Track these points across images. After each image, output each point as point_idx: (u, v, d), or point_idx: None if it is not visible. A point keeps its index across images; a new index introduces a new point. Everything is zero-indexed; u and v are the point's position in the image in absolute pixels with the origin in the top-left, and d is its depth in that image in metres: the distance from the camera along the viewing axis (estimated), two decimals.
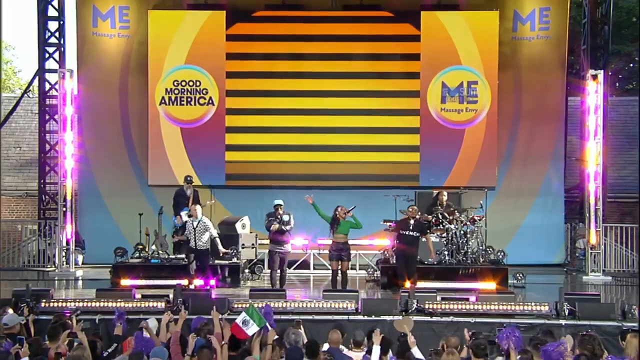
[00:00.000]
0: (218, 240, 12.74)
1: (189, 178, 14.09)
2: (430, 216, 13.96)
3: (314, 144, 16.68)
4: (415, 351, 7.29)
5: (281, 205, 12.51)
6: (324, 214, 12.40)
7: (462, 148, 16.59)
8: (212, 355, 6.91)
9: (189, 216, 12.88)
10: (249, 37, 16.66)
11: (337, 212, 12.38)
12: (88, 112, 16.75)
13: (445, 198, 14.22)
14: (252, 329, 7.37)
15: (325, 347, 8.09)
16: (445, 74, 16.56)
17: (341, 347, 8.08)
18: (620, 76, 25.84)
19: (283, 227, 12.31)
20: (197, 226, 12.45)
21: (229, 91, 16.65)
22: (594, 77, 15.20)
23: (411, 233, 12.41)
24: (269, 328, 7.35)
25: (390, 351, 7.62)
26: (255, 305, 9.74)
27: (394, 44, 16.60)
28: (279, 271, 12.53)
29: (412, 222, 12.42)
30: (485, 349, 7.25)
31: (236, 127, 16.71)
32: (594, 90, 15.16)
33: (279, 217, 12.34)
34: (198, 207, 12.72)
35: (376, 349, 7.21)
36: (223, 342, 7.26)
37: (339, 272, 12.42)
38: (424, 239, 12.75)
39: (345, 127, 16.71)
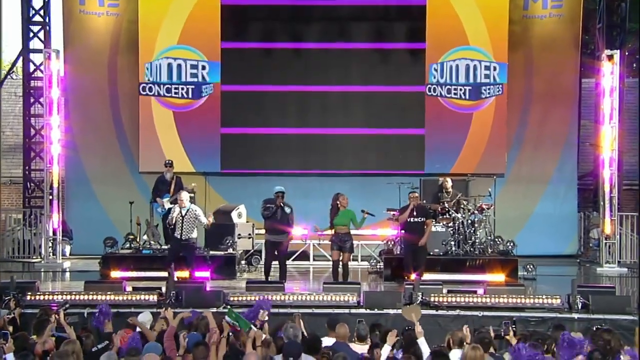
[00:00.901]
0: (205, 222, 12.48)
1: (168, 161, 14.04)
2: (438, 205, 13.96)
3: (314, 128, 16.64)
4: (422, 342, 7.31)
5: (283, 192, 12.23)
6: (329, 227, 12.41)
7: (470, 133, 16.56)
8: (208, 351, 6.92)
9: (172, 203, 12.82)
10: (245, 14, 16.58)
11: (338, 201, 12.29)
12: (75, 94, 16.71)
13: (449, 185, 14.21)
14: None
15: (326, 341, 8.12)
16: (452, 54, 16.50)
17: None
18: (637, 56, 25.74)
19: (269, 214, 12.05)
20: (186, 215, 12.27)
21: (224, 72, 16.59)
22: (610, 57, 15.14)
23: (415, 219, 12.39)
24: (255, 329, 7.34)
25: (393, 347, 7.62)
26: (252, 298, 9.81)
27: (398, 23, 16.53)
28: (277, 263, 12.46)
29: (414, 207, 12.42)
30: (489, 343, 7.27)
31: (232, 110, 16.66)
32: (610, 72, 15.11)
33: (280, 206, 12.11)
34: (184, 193, 12.45)
35: (386, 349, 7.24)
36: (222, 335, 7.26)
37: (340, 263, 12.40)
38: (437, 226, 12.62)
39: (346, 110, 16.67)
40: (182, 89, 16.60)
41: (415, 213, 12.39)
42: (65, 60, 16.22)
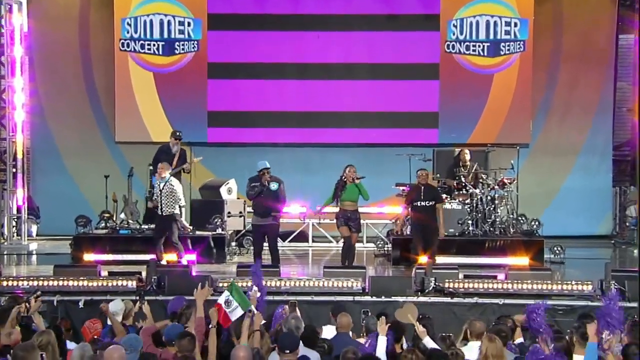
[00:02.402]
0: (181, 211, 12.58)
1: (177, 134, 14.01)
2: (453, 180, 13.94)
3: (314, 93, 16.59)
4: (428, 341, 7.31)
5: (267, 169, 12.08)
6: (329, 199, 12.28)
7: (490, 97, 16.50)
8: (193, 345, 6.92)
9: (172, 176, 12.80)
10: None
11: (344, 174, 12.20)
12: (42, 53, 16.61)
13: (467, 157, 14.19)
14: (236, 312, 7.39)
15: (326, 331, 8.13)
16: (471, 7, 16.41)
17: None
18: None
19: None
20: (163, 188, 12.31)
21: (212, 28, 16.49)
22: None
23: (423, 203, 12.34)
24: (255, 312, 7.36)
25: (404, 339, 7.64)
26: (240, 285, 9.80)
27: None
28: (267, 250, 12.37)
29: (422, 189, 12.37)
30: (507, 337, 7.30)
31: (221, 72, 16.57)
32: None
33: (265, 184, 12.00)
34: (165, 164, 12.53)
35: (382, 341, 7.21)
36: (211, 325, 7.27)
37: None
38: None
39: (350, 72, 16.60)
40: (163, 46, 16.50)
41: (422, 196, 12.31)
42: (29, 14, 16.10)
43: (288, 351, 6.79)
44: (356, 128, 16.62)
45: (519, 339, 7.81)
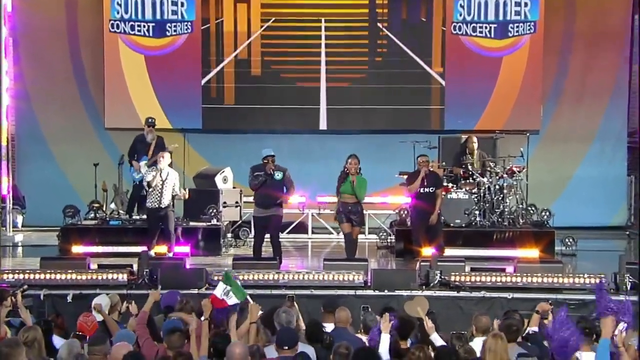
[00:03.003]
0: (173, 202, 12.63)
1: (150, 120, 13.99)
2: (460, 168, 13.94)
3: (313, 76, 16.57)
4: (436, 338, 7.31)
5: (272, 157, 12.00)
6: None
7: (499, 82, 16.50)
8: (184, 340, 6.94)
9: (149, 166, 12.82)
10: None
11: (346, 165, 12.14)
12: (26, 34, 16.57)
13: (475, 145, 14.18)
14: (233, 299, 7.42)
15: (328, 327, 8.15)
16: None
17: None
18: None
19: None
20: (167, 179, 12.36)
21: (205, 9, 16.45)
22: None
23: (425, 190, 12.34)
24: (251, 301, 7.38)
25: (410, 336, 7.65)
26: (241, 277, 9.82)
27: None
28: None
29: (424, 176, 12.36)
30: (518, 331, 7.32)
31: (216, 55, 16.56)
32: None
33: (270, 173, 11.92)
34: (167, 154, 12.61)
35: (385, 339, 7.21)
36: (203, 318, 7.29)
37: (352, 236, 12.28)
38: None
39: (351, 51, 16.58)
40: (153, 27, 16.47)
41: (425, 182, 12.31)
42: None
43: (287, 347, 6.81)
44: (358, 114, 16.61)
45: (534, 328, 7.82)
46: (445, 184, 13.45)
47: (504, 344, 6.72)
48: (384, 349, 7.11)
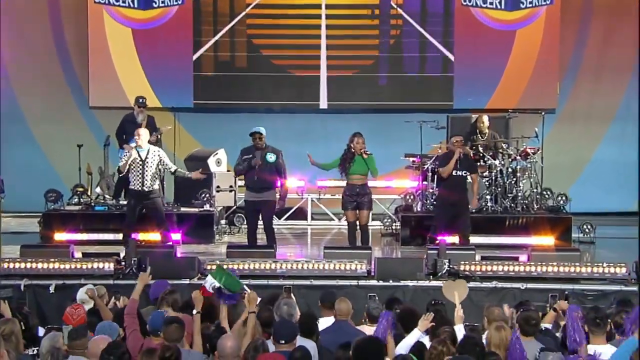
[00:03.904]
0: (181, 171, 12.53)
1: (141, 100, 13.94)
2: (470, 150, 13.91)
3: (313, 54, 16.55)
4: (460, 329, 7.29)
5: (261, 134, 11.87)
6: (331, 163, 12.16)
7: (512, 57, 16.50)
8: (182, 332, 6.95)
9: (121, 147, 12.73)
10: None
11: (352, 144, 12.09)
12: (3, 6, 16.52)
13: (486, 124, 14.15)
14: (228, 297, 7.43)
15: (322, 322, 8.15)
16: None
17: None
18: None
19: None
20: (147, 158, 12.06)
21: None
22: None
23: (459, 173, 12.20)
24: (248, 290, 7.38)
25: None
26: (235, 267, 9.82)
27: None
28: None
29: (457, 157, 12.22)
30: (537, 325, 7.32)
31: (208, 28, 16.52)
32: None
33: (260, 154, 11.79)
34: (144, 130, 12.26)
35: (415, 334, 7.27)
36: (195, 311, 7.31)
37: (357, 225, 12.26)
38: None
39: (353, 24, 16.54)
40: None
41: (459, 165, 12.19)
42: None
43: (284, 341, 6.81)
44: (361, 91, 16.61)
45: (547, 325, 7.83)
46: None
47: (507, 334, 6.76)
48: (408, 343, 7.16)
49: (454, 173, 12.12)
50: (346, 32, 16.63)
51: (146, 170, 11.98)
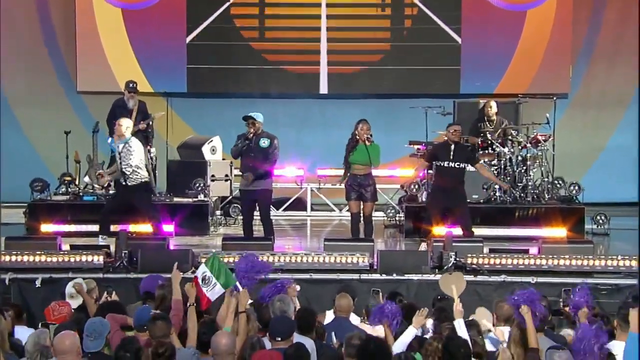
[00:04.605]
0: (150, 178, 12.54)
1: (131, 85, 13.92)
2: (477, 138, 13.91)
3: (313, 37, 16.55)
4: (460, 324, 7.30)
5: (254, 120, 11.86)
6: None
7: (522, 39, 16.49)
8: (169, 329, 6.95)
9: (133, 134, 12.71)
10: None
11: (356, 131, 12.05)
12: None
13: (494, 110, 14.14)
14: (215, 290, 7.42)
15: (329, 316, 8.17)
16: None
17: (353, 316, 8.16)
18: None
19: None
20: (122, 150, 11.94)
21: None
22: None
23: (452, 164, 12.15)
24: (240, 289, 7.38)
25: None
26: (230, 260, 9.83)
27: None
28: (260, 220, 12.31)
29: (452, 147, 12.21)
30: (545, 321, 7.33)
31: (203, 8, 16.52)
32: None
33: (249, 138, 11.77)
34: (124, 120, 12.15)
35: (410, 332, 7.29)
36: (189, 304, 7.33)
37: (361, 216, 12.28)
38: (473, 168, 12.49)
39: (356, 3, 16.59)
40: None
41: (452, 156, 12.14)
42: None
43: (280, 338, 6.83)
44: (363, 76, 16.61)
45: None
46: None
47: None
48: (403, 341, 7.19)
49: (445, 164, 12.07)
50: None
51: (123, 166, 11.94)
